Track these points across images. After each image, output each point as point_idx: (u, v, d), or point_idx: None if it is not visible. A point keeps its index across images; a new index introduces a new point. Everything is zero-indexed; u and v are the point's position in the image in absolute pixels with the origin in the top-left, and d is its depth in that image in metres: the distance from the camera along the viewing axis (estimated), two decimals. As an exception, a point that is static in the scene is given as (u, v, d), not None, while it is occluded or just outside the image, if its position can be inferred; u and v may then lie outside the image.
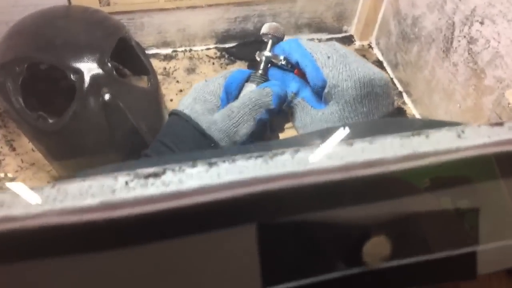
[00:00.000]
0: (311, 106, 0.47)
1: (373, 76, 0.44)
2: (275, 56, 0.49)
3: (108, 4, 0.81)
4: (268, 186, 0.18)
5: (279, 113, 0.49)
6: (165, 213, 0.17)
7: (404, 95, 0.94)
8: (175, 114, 0.47)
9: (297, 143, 0.38)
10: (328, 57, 0.45)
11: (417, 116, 0.90)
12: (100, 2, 0.81)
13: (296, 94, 0.48)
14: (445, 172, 0.22)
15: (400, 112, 0.47)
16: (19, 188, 0.20)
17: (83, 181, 0.21)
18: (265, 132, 0.51)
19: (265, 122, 0.47)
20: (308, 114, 0.47)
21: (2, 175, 0.73)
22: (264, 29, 0.51)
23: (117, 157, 0.68)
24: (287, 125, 0.53)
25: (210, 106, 0.48)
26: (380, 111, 0.44)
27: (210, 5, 0.91)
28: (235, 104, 0.46)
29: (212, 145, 0.45)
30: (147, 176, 0.22)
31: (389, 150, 0.25)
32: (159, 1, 0.85)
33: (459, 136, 0.26)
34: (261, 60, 0.50)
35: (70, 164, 0.70)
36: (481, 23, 0.68)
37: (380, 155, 0.21)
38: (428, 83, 0.85)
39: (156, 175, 0.22)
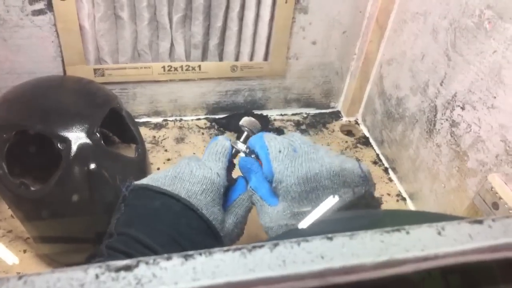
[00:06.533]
0: (268, 204, 0.47)
1: (318, 170, 0.43)
2: (242, 147, 0.55)
3: (103, 75, 0.84)
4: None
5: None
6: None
7: (390, 171, 0.96)
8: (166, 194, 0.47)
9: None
10: (279, 151, 0.46)
11: (403, 192, 0.90)
12: (95, 73, 0.83)
13: (254, 190, 0.50)
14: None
15: (365, 199, 0.46)
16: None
17: (52, 273, 0.20)
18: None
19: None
20: (266, 213, 0.47)
21: (-23, 242, 0.71)
22: (242, 122, 0.57)
23: (99, 227, 0.66)
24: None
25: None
26: None
27: (202, 79, 0.94)
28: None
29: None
30: (118, 269, 0.21)
31: (369, 245, 0.24)
32: (152, 74, 0.88)
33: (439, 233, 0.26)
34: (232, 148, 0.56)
35: (48, 232, 0.68)
36: (462, 108, 0.71)
37: (359, 256, 0.21)
38: (413, 162, 0.86)
39: (128, 268, 0.22)
